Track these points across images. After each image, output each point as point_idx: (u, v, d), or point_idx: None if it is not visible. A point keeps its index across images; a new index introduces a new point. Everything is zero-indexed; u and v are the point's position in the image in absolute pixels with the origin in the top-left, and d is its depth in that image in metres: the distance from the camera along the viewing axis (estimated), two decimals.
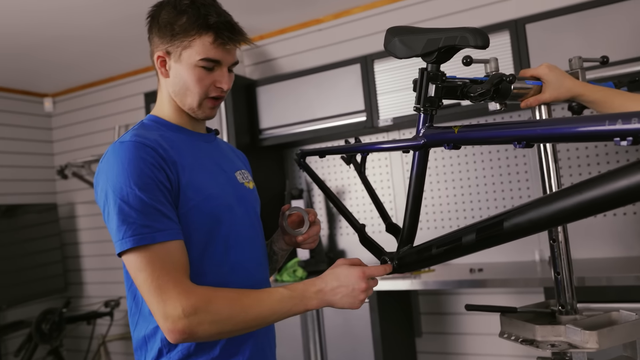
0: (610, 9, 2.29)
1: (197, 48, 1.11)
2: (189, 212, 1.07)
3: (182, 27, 1.11)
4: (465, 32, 0.96)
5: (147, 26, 1.20)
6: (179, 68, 1.14)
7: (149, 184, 1.02)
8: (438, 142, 1.03)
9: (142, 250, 0.99)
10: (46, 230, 3.96)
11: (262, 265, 1.25)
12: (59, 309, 3.46)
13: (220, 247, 1.12)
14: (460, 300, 2.89)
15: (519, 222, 0.84)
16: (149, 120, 1.20)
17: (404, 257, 1.15)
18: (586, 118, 0.75)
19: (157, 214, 1.01)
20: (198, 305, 0.98)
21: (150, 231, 0.99)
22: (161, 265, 0.99)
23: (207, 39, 1.11)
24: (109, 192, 1.03)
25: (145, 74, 3.91)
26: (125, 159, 1.03)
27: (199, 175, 1.12)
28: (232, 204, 1.17)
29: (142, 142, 1.06)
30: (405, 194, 3.04)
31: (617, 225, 2.53)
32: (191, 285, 1.00)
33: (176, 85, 1.16)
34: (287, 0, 2.97)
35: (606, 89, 1.20)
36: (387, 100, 2.77)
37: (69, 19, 2.91)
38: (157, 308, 0.98)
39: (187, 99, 1.16)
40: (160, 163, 1.05)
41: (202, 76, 1.13)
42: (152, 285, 0.98)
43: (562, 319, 1.17)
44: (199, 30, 1.11)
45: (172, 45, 1.13)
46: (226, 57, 1.14)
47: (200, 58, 1.11)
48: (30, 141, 4.19)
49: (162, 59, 1.16)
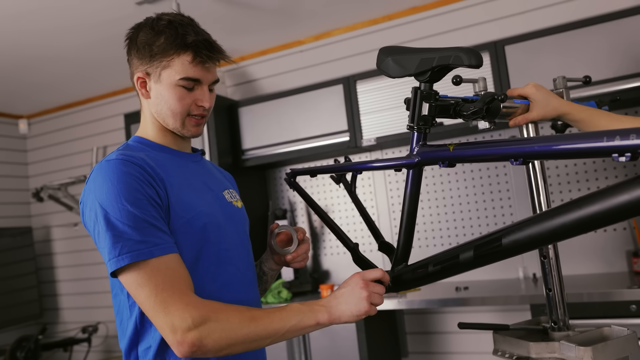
0: (587, 31, 2.36)
1: (177, 67, 1.11)
2: (178, 229, 1.06)
3: (161, 47, 1.11)
4: (459, 52, 0.98)
5: (126, 48, 1.19)
6: (159, 88, 1.13)
7: (140, 199, 1.00)
8: (433, 160, 1.03)
9: (141, 266, 0.97)
10: (20, 254, 3.84)
11: (252, 285, 1.23)
12: (35, 336, 3.35)
13: (210, 265, 1.11)
14: (446, 319, 2.89)
15: (518, 238, 0.84)
16: (133, 142, 1.19)
17: (399, 275, 1.15)
18: (584, 135, 0.76)
19: (151, 228, 0.99)
20: (208, 315, 0.96)
21: (147, 246, 0.98)
22: (163, 279, 0.97)
23: (185, 58, 1.11)
24: (99, 211, 1.01)
25: (124, 95, 3.87)
26: (114, 176, 1.02)
27: (187, 193, 1.11)
28: (221, 222, 1.15)
29: (128, 159, 1.05)
30: (388, 213, 3.04)
31: (599, 241, 2.57)
32: (198, 299, 0.99)
33: (158, 106, 1.15)
34: (268, 22, 2.99)
35: (591, 108, 1.23)
36: (370, 120, 2.79)
37: (46, 40, 2.88)
38: (164, 322, 0.96)
39: (169, 119, 1.15)
40: (149, 179, 1.04)
41: (183, 95, 1.13)
42: (157, 299, 0.96)
43: (555, 335, 1.17)
44: (177, 49, 1.11)
45: (151, 66, 1.13)
46: (206, 75, 1.14)
47: (179, 77, 1.11)
48: (4, 163, 4.09)
49: (142, 79, 1.15)
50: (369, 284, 1.05)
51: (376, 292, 1.04)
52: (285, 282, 2.94)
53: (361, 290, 1.03)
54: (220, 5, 2.64)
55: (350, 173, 1.32)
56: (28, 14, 2.56)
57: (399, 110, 2.72)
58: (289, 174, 1.43)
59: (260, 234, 3.12)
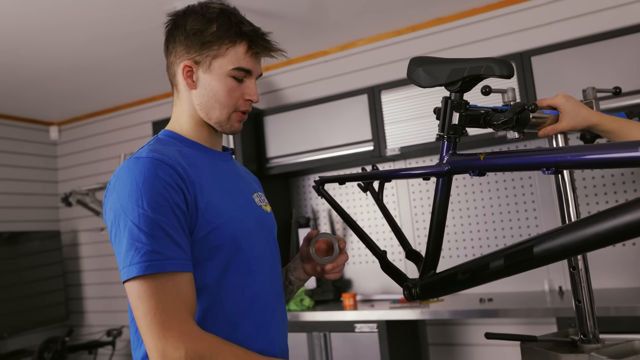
0: (615, 42, 2.34)
1: (231, 57, 1.06)
2: (208, 235, 1.00)
3: (215, 35, 1.06)
4: (491, 62, 0.99)
5: (167, 35, 1.13)
6: (209, 78, 1.08)
7: (164, 206, 0.94)
8: (463, 169, 1.04)
9: (148, 279, 0.91)
10: (48, 258, 3.93)
11: (280, 296, 1.17)
12: (62, 338, 3.41)
13: (239, 275, 1.05)
14: (469, 331, 2.86)
15: (550, 247, 0.84)
16: (164, 136, 1.13)
17: (428, 283, 1.15)
18: (617, 145, 0.76)
19: (168, 239, 0.93)
20: (203, 353, 0.90)
21: (160, 258, 0.91)
22: (166, 299, 0.90)
23: (241, 48, 1.07)
24: (119, 211, 0.95)
25: (152, 103, 3.95)
26: (140, 177, 0.95)
27: (218, 196, 1.05)
28: (252, 227, 1.09)
29: (160, 158, 0.98)
30: (411, 222, 3.04)
31: (628, 255, 2.53)
32: (197, 329, 0.92)
33: (204, 97, 1.09)
34: (294, 32, 3.03)
35: (622, 119, 1.22)
36: (394, 130, 2.80)
37: (77, 51, 2.97)
38: (156, 345, 0.89)
39: (215, 112, 1.09)
40: (179, 183, 0.97)
41: (233, 87, 1.08)
42: (155, 319, 0.89)
43: (585, 347, 1.16)
44: (233, 38, 1.06)
45: (201, 54, 1.07)
46: (256, 67, 1.11)
47: (233, 67, 1.06)
48: (35, 169, 4.20)
49: (189, 68, 1.09)
50: None
51: None
52: (308, 290, 2.95)
53: None
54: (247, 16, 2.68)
55: (377, 181, 1.33)
56: (61, 27, 2.65)
57: (423, 120, 2.73)
58: (318, 182, 1.44)
59: (282, 242, 3.14)
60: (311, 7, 2.72)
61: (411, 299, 1.18)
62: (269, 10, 2.69)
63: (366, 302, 2.88)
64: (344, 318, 2.61)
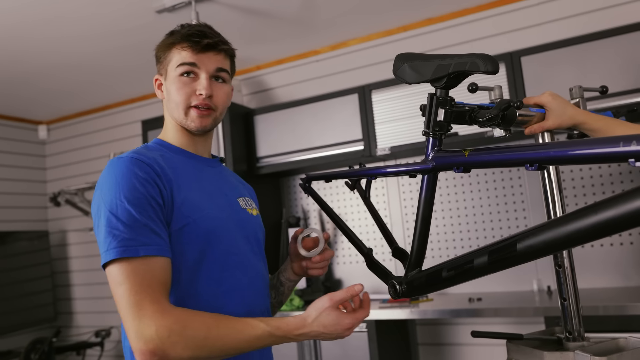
0: (603, 43, 2.35)
1: (175, 58, 1.18)
2: (183, 229, 1.07)
3: (162, 47, 1.21)
4: (475, 58, 0.98)
5: None
6: (167, 84, 1.20)
7: (139, 199, 1.02)
8: (448, 166, 1.03)
9: (124, 263, 0.98)
10: (37, 258, 3.89)
11: (261, 294, 1.22)
12: (49, 339, 3.38)
13: (215, 268, 1.11)
14: (458, 331, 2.86)
15: (533, 243, 0.84)
16: (153, 143, 1.23)
17: (413, 281, 1.15)
18: (600, 140, 0.76)
19: (144, 228, 1.00)
20: (173, 327, 0.94)
21: (135, 244, 0.98)
22: (140, 281, 0.97)
23: (179, 46, 1.18)
24: (101, 204, 1.04)
25: (142, 102, 3.93)
26: (119, 173, 1.05)
27: (197, 194, 1.12)
28: (230, 226, 1.16)
29: (138, 157, 1.08)
30: (402, 221, 3.04)
31: (615, 255, 2.54)
32: (168, 306, 0.97)
33: (168, 102, 1.21)
34: (285, 32, 3.03)
35: (608, 118, 1.22)
36: (385, 129, 2.80)
37: (66, 48, 2.94)
38: (131, 325, 0.95)
39: (174, 112, 1.19)
40: (154, 179, 1.06)
41: (182, 85, 1.17)
42: (130, 300, 0.96)
43: (570, 345, 1.16)
44: (173, 42, 1.19)
45: (161, 65, 1.21)
46: (202, 60, 1.17)
47: (177, 65, 1.17)
48: (23, 168, 4.16)
49: (159, 81, 1.24)
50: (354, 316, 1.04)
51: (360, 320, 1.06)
52: (298, 290, 2.94)
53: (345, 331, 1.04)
54: (238, 15, 2.67)
55: (364, 179, 1.32)
56: (49, 22, 2.62)
57: (414, 119, 2.73)
58: (304, 179, 1.44)
59: (272, 241, 3.13)
60: (302, 6, 2.71)
61: (396, 296, 1.18)
62: (259, 9, 2.68)
63: None
64: None
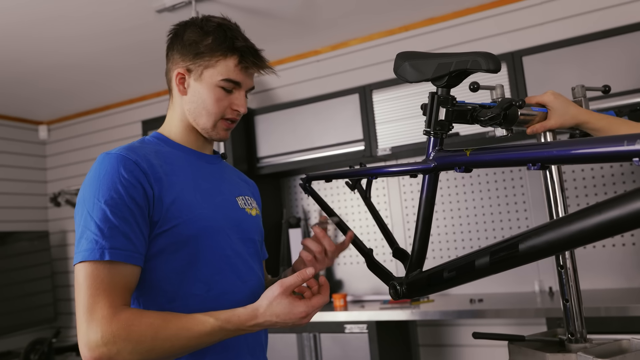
0: (605, 43, 2.34)
1: (220, 69, 1.12)
2: (173, 229, 1.03)
3: (208, 47, 1.12)
4: (477, 56, 0.97)
5: (168, 43, 1.20)
6: (198, 86, 1.14)
7: (117, 199, 0.98)
8: (449, 165, 1.02)
9: (88, 266, 0.94)
10: (37, 258, 3.89)
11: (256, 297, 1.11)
12: (49, 339, 3.37)
13: (207, 270, 1.07)
14: (459, 332, 2.85)
15: (535, 243, 0.83)
16: (151, 137, 1.19)
17: (414, 281, 1.13)
18: (604, 139, 0.75)
19: (116, 230, 0.97)
20: (118, 332, 0.91)
21: (104, 247, 0.95)
22: (98, 286, 0.93)
23: (231, 61, 1.12)
24: (80, 201, 1.02)
25: (142, 102, 3.92)
26: (102, 171, 1.01)
27: (190, 193, 1.08)
28: (225, 227, 1.11)
29: (125, 155, 1.03)
30: (403, 222, 3.03)
31: (618, 256, 2.53)
32: (118, 310, 0.93)
33: (193, 104, 1.15)
34: (285, 32, 3.02)
35: (610, 117, 1.21)
36: (386, 129, 2.79)
37: (66, 48, 2.93)
38: (80, 330, 0.93)
39: (202, 119, 1.15)
40: (139, 178, 1.01)
41: (221, 97, 1.13)
42: (84, 304, 0.93)
43: (572, 347, 1.14)
44: (224, 51, 1.12)
45: (194, 63, 1.14)
46: (246, 80, 1.16)
47: (222, 78, 1.12)
48: (23, 168, 4.15)
49: (182, 76, 1.16)
50: (309, 303, 1.00)
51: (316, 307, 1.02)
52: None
53: (301, 319, 1.00)
54: (239, 15, 2.67)
55: (365, 179, 1.31)
56: (49, 22, 2.61)
57: (414, 119, 2.72)
58: (304, 179, 1.43)
59: (274, 242, 3.12)
60: (303, 6, 2.70)
61: (397, 297, 1.17)
62: (260, 8, 2.67)
63: (356, 302, 2.86)
64: (334, 319, 2.59)
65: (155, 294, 1.04)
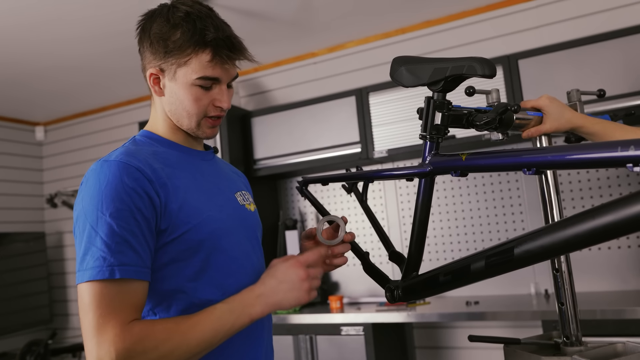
0: (601, 46, 2.35)
1: (194, 66, 1.02)
2: (184, 235, 0.98)
3: (177, 44, 1.02)
4: (473, 62, 0.98)
5: (137, 38, 1.10)
6: (174, 87, 1.05)
7: (123, 211, 0.92)
8: (445, 169, 1.03)
9: (97, 285, 0.89)
10: (33, 259, 3.87)
11: None
12: (45, 341, 3.36)
13: (219, 275, 1.03)
14: (455, 334, 2.86)
15: (530, 248, 0.84)
16: (141, 137, 1.11)
17: (410, 285, 1.14)
18: (598, 144, 0.75)
19: (124, 245, 0.91)
20: (132, 347, 0.87)
21: (113, 264, 0.89)
22: (107, 304, 0.88)
23: (204, 57, 1.02)
24: (81, 214, 0.94)
25: (138, 104, 3.92)
26: (104, 181, 0.93)
27: (195, 196, 1.03)
28: (232, 227, 1.07)
29: (127, 162, 0.96)
30: (399, 225, 3.03)
31: (614, 259, 2.54)
32: (130, 327, 0.89)
33: (172, 105, 1.07)
34: (282, 34, 3.02)
35: (605, 121, 1.22)
36: (382, 132, 2.79)
37: (63, 49, 2.93)
38: (90, 351, 0.87)
39: (184, 120, 1.07)
40: (145, 187, 0.95)
41: (199, 95, 1.04)
42: (93, 324, 0.88)
43: (568, 350, 1.15)
44: (195, 47, 1.01)
45: (165, 62, 1.04)
46: (224, 74, 1.06)
47: (197, 77, 1.03)
48: (20, 169, 4.14)
49: (155, 76, 1.07)
50: (309, 271, 1.00)
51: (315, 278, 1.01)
52: None
53: (303, 283, 0.98)
54: (236, 17, 2.67)
55: (361, 182, 1.31)
56: (46, 24, 2.61)
57: (411, 122, 2.72)
58: (301, 182, 1.43)
59: (271, 244, 3.12)
60: (300, 8, 2.70)
61: (393, 300, 1.17)
62: (257, 10, 2.67)
63: (353, 304, 2.87)
64: (331, 321, 2.60)
65: (169, 304, 1.00)
